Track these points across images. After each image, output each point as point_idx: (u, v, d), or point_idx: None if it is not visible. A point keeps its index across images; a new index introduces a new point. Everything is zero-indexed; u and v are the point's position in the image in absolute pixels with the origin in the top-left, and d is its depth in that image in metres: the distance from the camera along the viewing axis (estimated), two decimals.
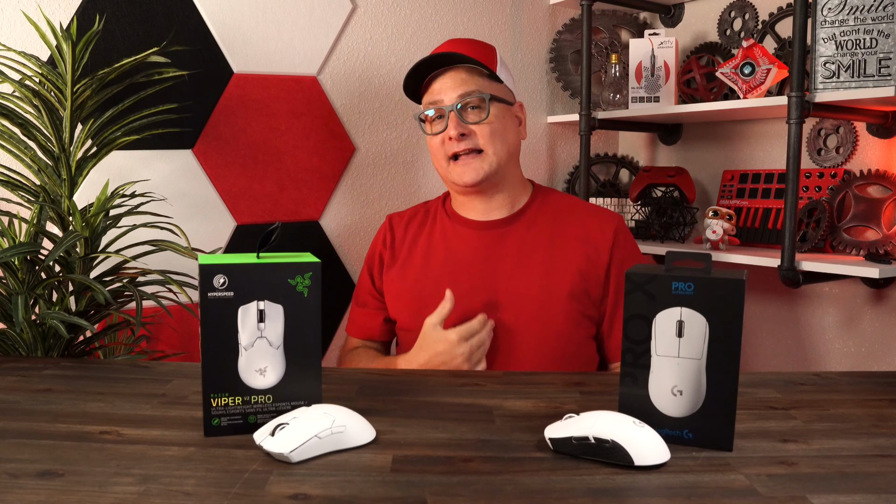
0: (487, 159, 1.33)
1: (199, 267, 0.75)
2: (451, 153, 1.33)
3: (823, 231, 1.67)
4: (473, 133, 1.32)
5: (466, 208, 1.41)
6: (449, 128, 1.31)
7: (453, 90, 1.32)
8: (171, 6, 1.64)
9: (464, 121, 1.31)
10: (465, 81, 1.32)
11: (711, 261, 0.75)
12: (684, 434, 0.75)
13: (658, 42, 1.97)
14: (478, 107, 1.32)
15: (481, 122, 1.32)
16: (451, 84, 1.32)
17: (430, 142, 1.37)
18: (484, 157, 1.33)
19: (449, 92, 1.32)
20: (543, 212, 1.40)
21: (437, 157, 1.36)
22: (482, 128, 1.32)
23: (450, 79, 1.33)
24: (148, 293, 1.27)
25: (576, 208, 1.42)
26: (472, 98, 1.31)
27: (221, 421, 0.77)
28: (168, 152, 1.66)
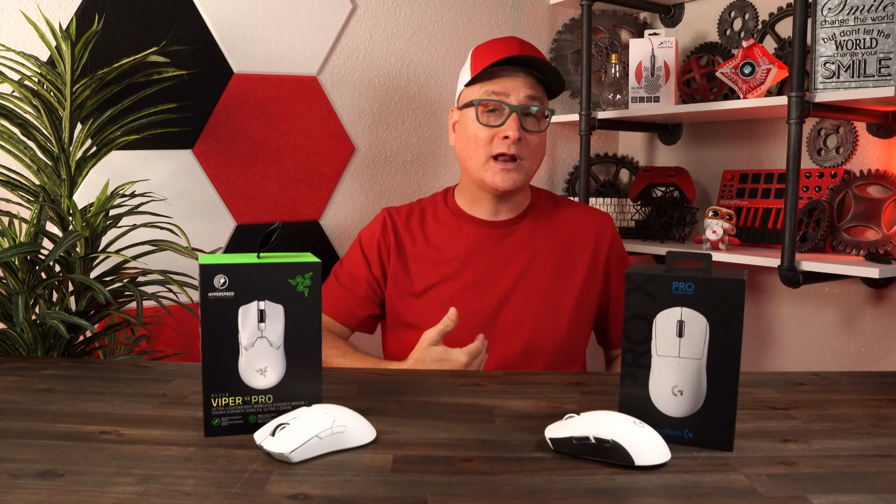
0: (524, 170, 1.32)
1: (200, 267, 0.75)
2: (496, 152, 1.30)
3: (823, 231, 1.67)
4: (525, 141, 1.30)
5: (476, 206, 1.40)
6: (510, 127, 1.28)
7: (524, 92, 1.29)
8: (171, 6, 1.64)
9: (523, 126, 1.29)
10: (534, 88, 1.31)
11: (711, 261, 0.75)
12: (685, 434, 0.75)
13: (658, 42, 1.97)
14: (536, 116, 1.32)
15: (536, 133, 1.32)
16: (524, 85, 1.30)
17: (475, 131, 1.32)
18: (522, 166, 1.32)
19: (519, 92, 1.29)
20: (546, 214, 1.42)
21: (477, 148, 1.32)
22: (533, 138, 1.31)
23: (523, 79, 1.30)
24: (148, 293, 1.27)
25: (573, 209, 1.45)
26: (537, 108, 1.31)
27: (222, 421, 0.77)
28: (168, 152, 1.66)
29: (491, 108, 1.31)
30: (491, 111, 1.31)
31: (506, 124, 1.29)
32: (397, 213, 1.45)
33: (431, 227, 1.42)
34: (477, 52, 1.36)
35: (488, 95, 1.30)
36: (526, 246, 1.37)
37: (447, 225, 1.41)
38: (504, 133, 1.28)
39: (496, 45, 1.33)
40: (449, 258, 1.37)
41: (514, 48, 1.31)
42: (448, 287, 1.34)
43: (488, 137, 1.30)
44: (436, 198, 1.48)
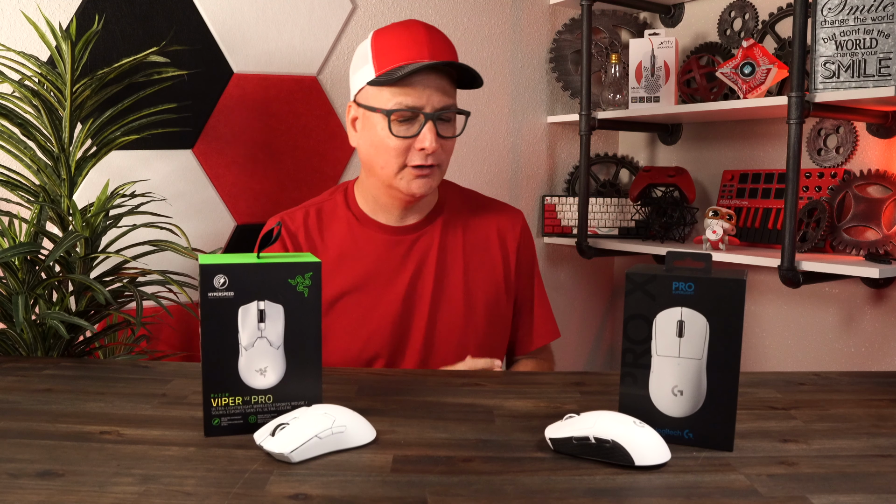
0: (440, 174, 1.24)
1: (200, 267, 0.75)
2: (414, 163, 1.20)
3: (823, 231, 1.67)
4: (440, 147, 1.21)
5: (381, 212, 1.29)
6: (427, 138, 1.18)
7: (438, 99, 1.19)
8: (171, 6, 1.64)
9: (439, 134, 1.20)
10: (448, 91, 1.20)
11: (712, 261, 0.75)
12: (685, 434, 0.75)
13: (658, 42, 1.97)
14: (451, 121, 1.23)
15: (451, 139, 1.23)
16: (437, 92, 1.19)
17: (384, 139, 1.19)
18: (437, 172, 1.23)
19: (433, 98, 1.18)
20: (456, 212, 1.34)
21: (389, 158, 1.20)
22: (448, 143, 1.23)
23: (435, 85, 1.18)
24: (148, 293, 1.27)
25: (484, 206, 1.37)
26: (450, 112, 1.21)
27: (222, 421, 0.77)
28: (168, 152, 1.66)
29: (404, 119, 1.19)
30: (404, 121, 1.19)
31: (421, 135, 1.18)
32: (291, 220, 1.30)
33: (332, 232, 1.30)
34: (380, 44, 1.21)
35: (399, 105, 1.18)
36: (437, 250, 1.29)
37: (350, 231, 1.29)
38: (420, 144, 1.18)
39: (402, 40, 1.19)
40: (355, 268, 1.27)
41: (423, 50, 1.18)
42: (356, 299, 1.26)
43: (402, 148, 1.19)
44: (334, 198, 1.34)
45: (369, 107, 1.21)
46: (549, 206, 2.19)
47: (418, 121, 1.19)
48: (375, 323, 1.25)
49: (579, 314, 2.33)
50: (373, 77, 1.20)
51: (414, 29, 1.21)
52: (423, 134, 1.18)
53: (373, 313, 1.25)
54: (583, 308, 2.34)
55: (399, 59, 1.18)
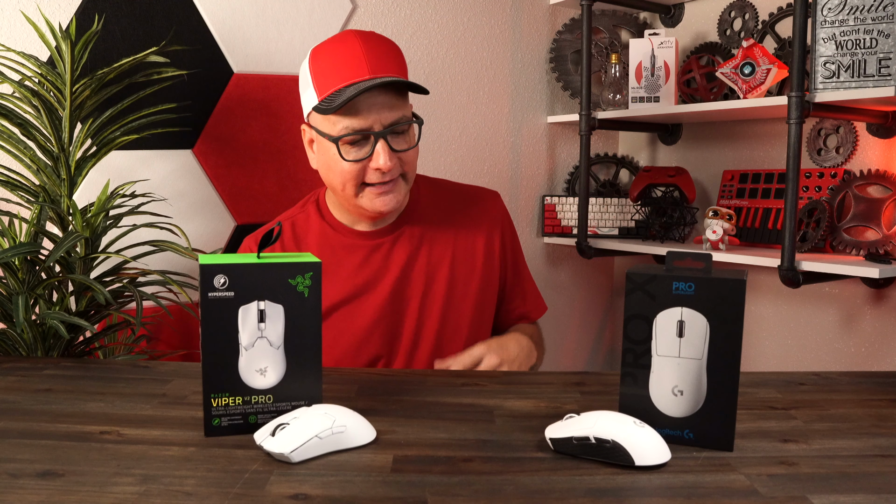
0: (405, 185, 1.20)
1: (200, 267, 0.75)
2: (373, 181, 1.16)
3: (823, 231, 1.67)
4: (398, 161, 1.17)
5: (354, 220, 1.27)
6: (380, 157, 1.13)
7: (385, 116, 1.13)
8: (171, 6, 1.64)
9: (394, 150, 1.15)
10: (396, 104, 1.14)
11: (712, 261, 0.75)
12: (685, 434, 0.75)
13: (658, 42, 1.97)
14: (405, 132, 1.18)
15: (410, 150, 1.18)
16: (382, 108, 1.13)
17: (340, 166, 1.15)
18: (401, 183, 1.19)
19: (381, 116, 1.13)
20: (432, 206, 1.30)
21: (346, 181, 1.16)
22: (407, 154, 1.18)
23: (379, 102, 1.13)
24: (148, 293, 1.27)
25: (458, 193, 1.34)
26: (402, 124, 1.16)
27: (222, 421, 0.77)
28: (168, 152, 1.66)
29: (353, 142, 1.14)
30: (353, 143, 1.14)
31: (374, 154, 1.14)
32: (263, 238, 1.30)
33: (309, 244, 1.27)
34: (317, 65, 1.16)
35: (347, 130, 1.13)
36: (417, 247, 1.26)
37: (327, 241, 1.26)
38: (375, 165, 1.14)
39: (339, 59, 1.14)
40: (339, 278, 1.24)
41: (362, 67, 1.12)
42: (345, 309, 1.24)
43: (357, 170, 1.15)
44: (306, 210, 1.30)
45: (319, 131, 1.18)
46: (549, 206, 2.19)
47: (370, 141, 1.14)
48: (367, 329, 1.23)
49: (579, 314, 2.33)
50: (316, 103, 1.16)
51: (350, 44, 1.14)
52: (376, 153, 1.14)
53: (363, 320, 1.23)
54: (583, 308, 2.34)
55: (338, 80, 1.12)
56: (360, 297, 1.24)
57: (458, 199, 1.33)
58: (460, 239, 1.29)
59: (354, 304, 1.24)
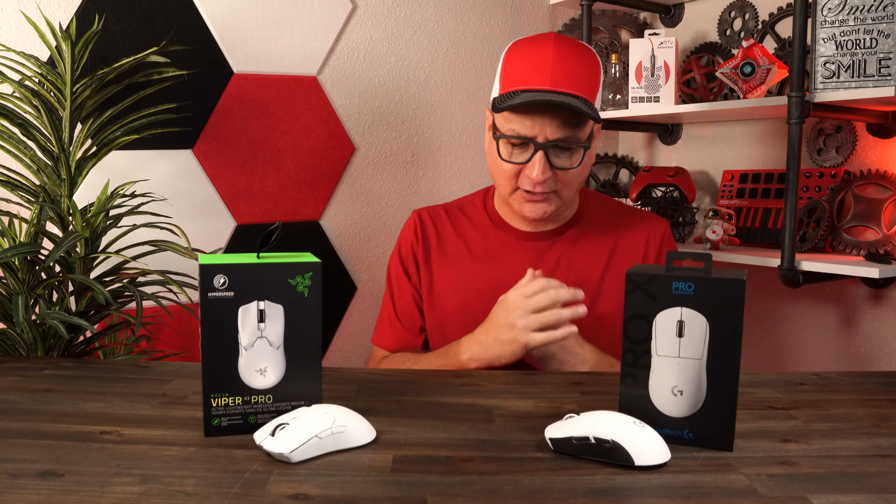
0: (558, 200, 1.19)
1: (200, 267, 0.75)
2: (524, 187, 1.17)
3: (823, 231, 1.67)
4: (555, 177, 1.16)
5: (514, 218, 1.28)
6: (535, 168, 1.13)
7: (552, 130, 1.13)
8: (171, 6, 1.64)
9: (552, 165, 1.15)
10: (566, 125, 1.13)
11: (712, 261, 0.75)
12: (685, 434, 0.75)
13: (658, 42, 1.97)
14: (569, 150, 1.16)
15: (570, 170, 1.16)
16: (553, 123, 1.12)
17: (499, 163, 1.18)
18: (554, 198, 1.19)
19: (546, 130, 1.13)
20: (595, 223, 1.29)
21: (502, 178, 1.19)
22: (567, 173, 1.17)
23: (551, 118, 1.12)
24: (148, 293, 1.27)
25: (625, 216, 1.31)
26: (567, 143, 1.15)
27: (221, 421, 0.77)
28: (168, 152, 1.66)
29: (515, 144, 1.16)
30: (515, 146, 1.16)
31: (530, 163, 1.14)
32: (428, 216, 1.33)
33: (466, 229, 1.30)
34: (509, 61, 1.18)
35: (512, 132, 1.14)
36: (568, 260, 1.24)
37: (483, 231, 1.29)
38: (528, 172, 1.15)
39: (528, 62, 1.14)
40: (481, 270, 1.25)
41: (545, 77, 1.11)
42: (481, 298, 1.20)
43: (513, 172, 1.17)
44: (474, 199, 1.35)
45: (493, 123, 1.20)
46: None
47: (530, 149, 1.15)
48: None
49: None
50: (496, 95, 1.18)
51: (544, 49, 1.14)
52: (532, 163, 1.14)
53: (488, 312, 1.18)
54: None
55: (520, 82, 1.13)
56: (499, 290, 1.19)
57: (623, 220, 1.30)
58: (617, 260, 1.25)
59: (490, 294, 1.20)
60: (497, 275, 1.24)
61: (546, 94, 1.11)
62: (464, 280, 1.26)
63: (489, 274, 1.25)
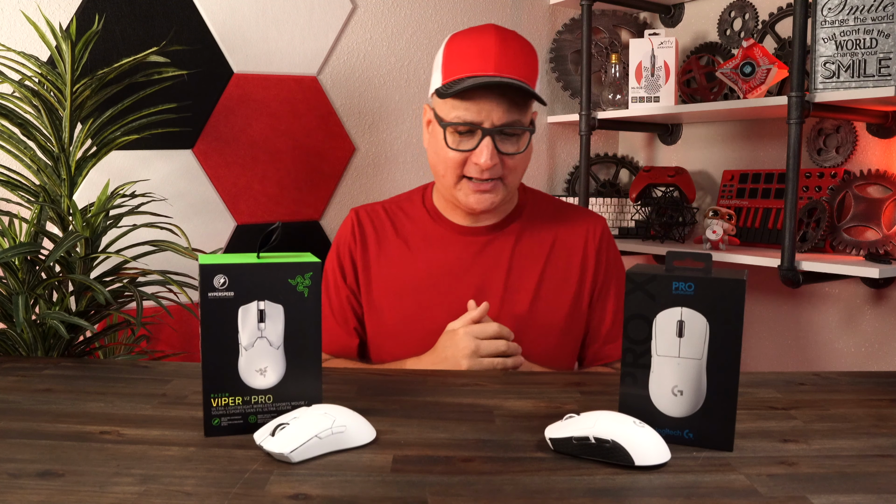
0: (504, 189, 1.21)
1: (200, 267, 0.75)
2: (470, 175, 1.18)
3: (823, 231, 1.67)
4: (502, 163, 1.18)
5: (454, 211, 1.28)
6: (483, 154, 1.15)
7: (498, 115, 1.15)
8: (171, 6, 1.64)
9: (499, 150, 1.16)
10: (511, 110, 1.15)
11: (712, 261, 0.75)
12: (685, 434, 0.75)
13: (658, 42, 1.97)
14: (515, 135, 1.18)
15: (516, 155, 1.19)
16: (498, 108, 1.14)
17: (444, 152, 1.18)
18: (500, 186, 1.20)
19: (492, 115, 1.14)
20: (534, 218, 1.30)
21: (447, 168, 1.19)
22: (512, 159, 1.19)
23: (497, 102, 1.14)
24: (148, 293, 1.27)
25: (564, 212, 1.33)
26: (514, 128, 1.17)
27: (221, 421, 0.77)
28: (168, 152, 1.66)
29: (462, 132, 1.17)
30: (462, 134, 1.17)
31: (478, 149, 1.16)
32: (366, 213, 1.32)
33: (405, 225, 1.30)
34: (450, 51, 1.19)
35: (458, 119, 1.15)
36: (509, 256, 1.25)
37: (423, 226, 1.29)
38: (476, 159, 1.16)
39: (471, 49, 1.17)
40: (421, 265, 1.26)
41: (489, 63, 1.14)
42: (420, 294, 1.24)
43: (459, 160, 1.17)
44: (412, 195, 1.35)
45: (435, 113, 1.21)
46: None
47: (477, 135, 1.16)
48: (437, 319, 1.20)
49: None
50: (439, 85, 1.19)
51: (485, 38, 1.17)
52: (480, 149, 1.16)
53: (436, 309, 1.22)
54: None
55: (463, 69, 1.15)
56: (438, 285, 1.24)
57: (563, 216, 1.31)
58: (556, 255, 1.27)
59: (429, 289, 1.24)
60: (437, 271, 1.26)
61: (493, 78, 1.13)
62: (404, 277, 1.26)
63: (429, 270, 1.26)
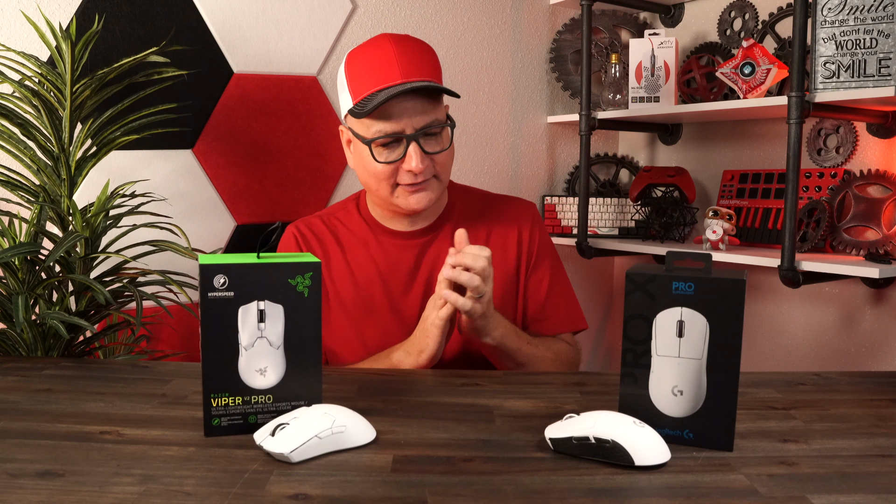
0: (439, 185, 1.23)
1: (200, 267, 0.75)
2: (405, 182, 1.20)
3: (823, 231, 1.67)
4: (431, 162, 1.20)
5: (390, 219, 1.30)
6: (412, 159, 1.17)
7: (417, 119, 1.17)
8: (171, 6, 1.64)
9: (426, 152, 1.18)
10: (427, 110, 1.18)
11: (712, 261, 0.75)
12: (685, 434, 0.75)
13: (658, 42, 1.97)
14: (437, 134, 1.21)
15: (442, 152, 1.21)
16: (414, 112, 1.17)
17: (374, 167, 1.19)
18: (435, 183, 1.22)
19: (412, 121, 1.17)
20: (466, 213, 1.32)
21: (380, 181, 1.20)
22: (440, 157, 1.21)
23: (411, 107, 1.16)
24: (148, 293, 1.27)
25: (493, 204, 1.36)
26: (434, 128, 1.19)
27: (221, 421, 0.77)
28: (168, 152, 1.66)
29: (385, 144, 1.18)
30: (386, 145, 1.18)
31: (406, 157, 1.17)
32: (307, 226, 1.33)
33: (345, 238, 1.31)
34: (352, 69, 1.21)
35: (379, 133, 1.17)
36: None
37: (362, 237, 1.31)
38: (407, 167, 1.18)
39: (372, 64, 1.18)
40: (366, 273, 1.28)
41: (394, 71, 1.16)
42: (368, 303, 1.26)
43: (390, 171, 1.19)
44: (347, 206, 1.36)
45: (354, 133, 1.22)
46: (549, 207, 2.19)
47: (402, 144, 1.18)
48: (387, 323, 1.24)
49: None
50: (350, 106, 1.20)
51: (383, 49, 1.18)
52: (408, 156, 1.17)
53: (384, 315, 1.25)
54: (583, 308, 2.33)
55: (371, 85, 1.17)
56: (385, 293, 1.27)
57: (492, 208, 1.35)
58: (492, 243, 1.30)
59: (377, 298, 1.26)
60: (382, 277, 1.28)
61: (403, 85, 1.15)
62: (350, 286, 1.28)
63: (374, 277, 1.28)
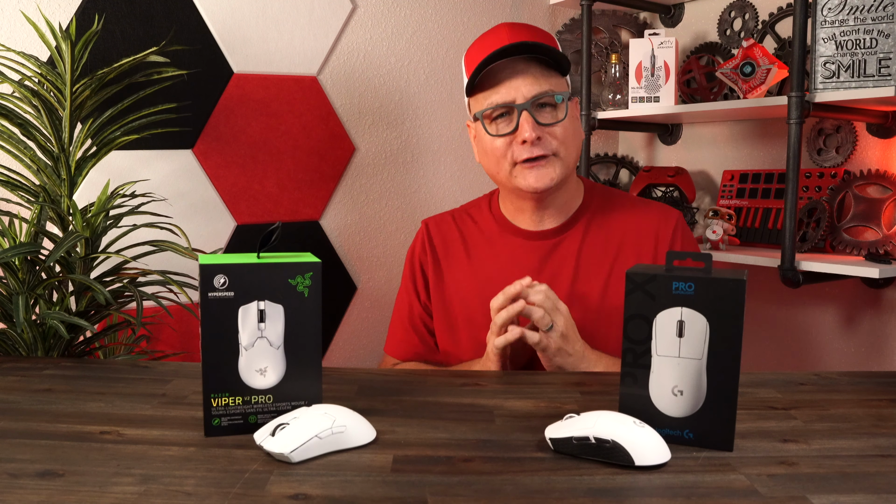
0: (560, 164, 1.18)
1: (200, 267, 0.75)
2: (521, 158, 1.16)
3: (823, 231, 1.67)
4: (547, 136, 1.16)
5: (519, 216, 1.27)
6: (523, 129, 1.14)
7: (527, 88, 1.14)
8: (171, 6, 1.64)
9: (539, 122, 1.15)
10: (539, 79, 1.15)
11: (712, 261, 0.75)
12: (685, 434, 0.75)
13: (658, 42, 1.97)
14: (551, 105, 1.17)
15: (557, 124, 1.16)
16: (525, 81, 1.14)
17: (491, 143, 1.18)
18: (556, 161, 1.17)
19: (522, 89, 1.14)
20: (600, 217, 1.26)
21: (498, 159, 1.18)
22: (557, 129, 1.16)
23: (522, 75, 1.14)
24: (148, 293, 1.27)
25: (632, 207, 1.28)
26: (547, 97, 1.15)
27: (222, 421, 0.77)
28: (168, 152, 1.66)
29: (497, 116, 1.17)
30: (499, 118, 1.17)
31: (519, 127, 1.15)
32: (436, 225, 1.33)
33: (472, 234, 1.30)
34: (469, 53, 1.22)
35: (490, 105, 1.16)
36: (575, 258, 1.23)
37: (489, 234, 1.28)
38: (519, 138, 1.15)
39: (485, 41, 1.18)
40: (489, 273, 1.25)
41: (502, 38, 1.16)
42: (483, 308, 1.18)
43: (505, 146, 1.17)
44: (480, 202, 1.35)
45: (472, 117, 1.22)
46: None
47: (514, 115, 1.16)
48: None
49: None
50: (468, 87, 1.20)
51: (497, 28, 1.19)
52: (521, 126, 1.15)
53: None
54: None
55: (481, 58, 1.15)
56: None
57: (630, 212, 1.27)
58: (625, 252, 1.23)
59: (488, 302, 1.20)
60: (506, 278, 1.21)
61: (507, 46, 1.13)
62: (473, 285, 1.26)
63: (498, 277, 1.23)
